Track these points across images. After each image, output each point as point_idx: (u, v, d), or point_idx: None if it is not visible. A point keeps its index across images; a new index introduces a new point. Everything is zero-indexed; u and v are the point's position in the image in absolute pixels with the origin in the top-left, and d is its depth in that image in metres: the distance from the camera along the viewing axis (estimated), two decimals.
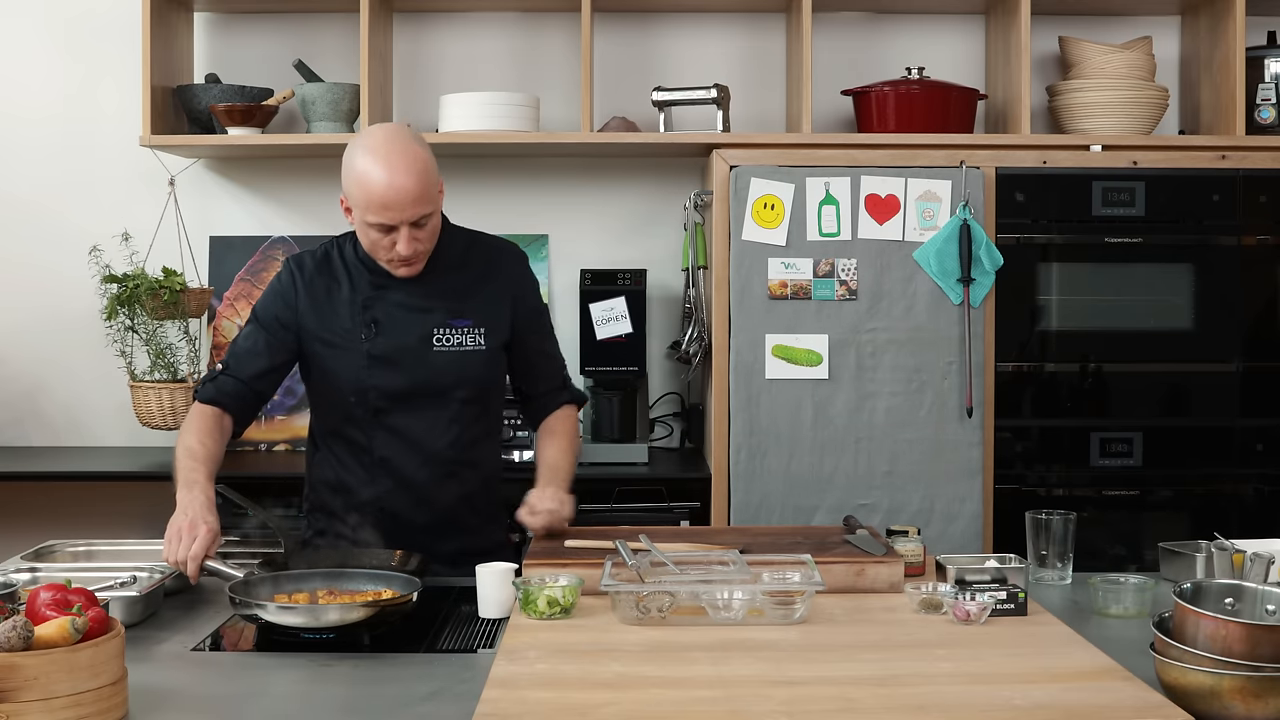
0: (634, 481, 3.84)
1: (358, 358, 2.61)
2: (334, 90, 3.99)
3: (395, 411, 2.62)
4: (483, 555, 2.56)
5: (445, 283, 2.64)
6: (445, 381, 2.62)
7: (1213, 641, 1.76)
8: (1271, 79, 3.96)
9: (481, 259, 2.70)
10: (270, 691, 1.96)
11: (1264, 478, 3.74)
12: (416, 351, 2.61)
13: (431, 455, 2.64)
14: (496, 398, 2.76)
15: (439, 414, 2.63)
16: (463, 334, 2.63)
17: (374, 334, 2.61)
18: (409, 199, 2.47)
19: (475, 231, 2.78)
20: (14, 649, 1.66)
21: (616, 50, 4.27)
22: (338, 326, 2.63)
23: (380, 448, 2.64)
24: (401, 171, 2.47)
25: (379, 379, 2.61)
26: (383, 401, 2.62)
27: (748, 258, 3.67)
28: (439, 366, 2.62)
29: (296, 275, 2.67)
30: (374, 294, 2.63)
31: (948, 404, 3.67)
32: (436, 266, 2.64)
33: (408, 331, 2.61)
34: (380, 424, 2.63)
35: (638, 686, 1.86)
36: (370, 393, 2.62)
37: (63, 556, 2.61)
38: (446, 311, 2.63)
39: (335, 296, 2.64)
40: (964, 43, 4.27)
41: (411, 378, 2.61)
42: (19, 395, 4.27)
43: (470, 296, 2.65)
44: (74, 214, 4.24)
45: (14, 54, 4.29)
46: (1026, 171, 3.73)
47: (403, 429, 2.63)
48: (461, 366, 2.63)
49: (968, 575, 2.24)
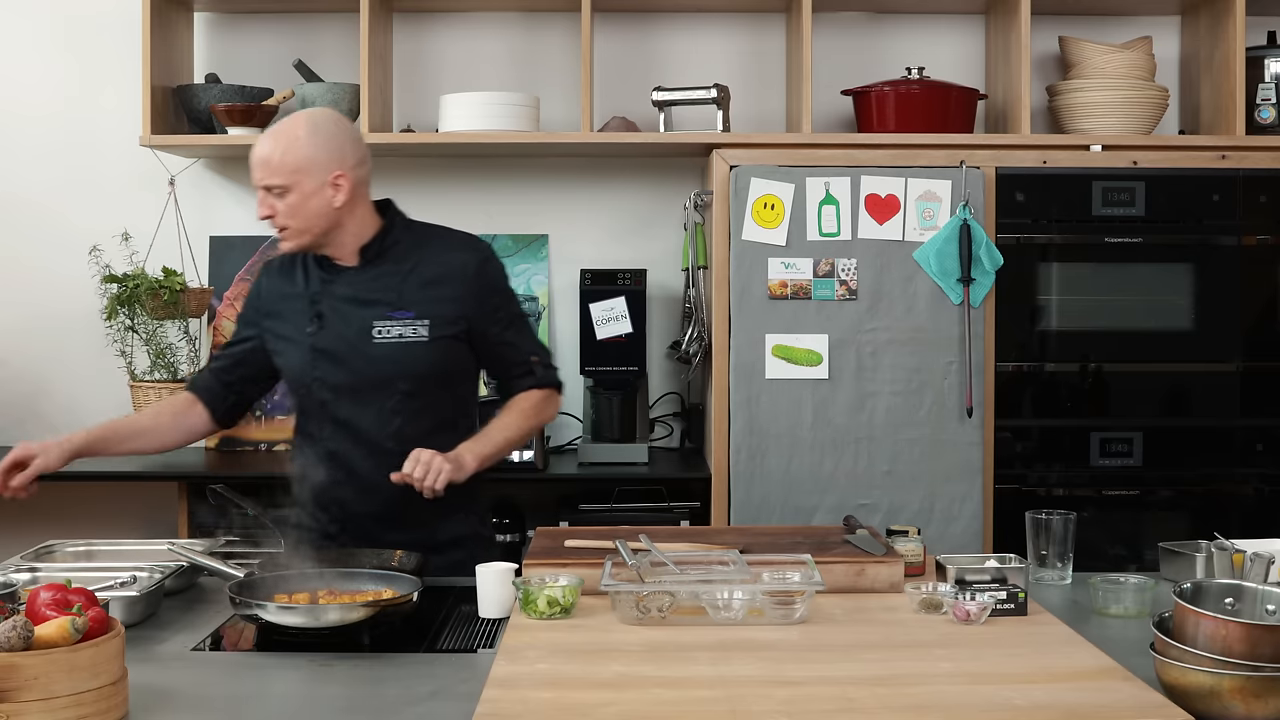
0: (634, 481, 3.84)
1: (304, 351, 2.68)
2: (334, 90, 3.99)
3: (340, 403, 2.67)
4: (434, 550, 2.60)
5: (390, 276, 2.68)
6: (386, 373, 2.65)
7: (1213, 641, 1.76)
8: (1271, 79, 3.96)
9: (433, 252, 2.72)
10: (270, 691, 1.96)
11: (1264, 478, 3.74)
12: (357, 344, 2.65)
13: (375, 447, 2.66)
14: (452, 390, 2.75)
15: (381, 405, 2.66)
16: (403, 326, 2.66)
17: (318, 328, 2.67)
18: (260, 160, 2.58)
19: (438, 226, 2.81)
20: (14, 649, 1.66)
21: (616, 50, 4.27)
22: (291, 322, 2.71)
23: (328, 439, 2.68)
24: (269, 137, 2.60)
25: (322, 372, 2.67)
26: (327, 394, 2.67)
27: (748, 258, 3.67)
28: (378, 358, 2.65)
29: (264, 277, 2.80)
30: (321, 288, 2.69)
31: (948, 404, 3.67)
32: (384, 260, 2.69)
33: (349, 324, 2.66)
34: (328, 416, 2.68)
35: (638, 686, 1.86)
36: (315, 385, 2.68)
37: (63, 556, 2.61)
38: (388, 304, 2.66)
39: (292, 293, 2.72)
40: (964, 43, 4.27)
41: (352, 370, 2.66)
42: (19, 395, 4.27)
43: (416, 289, 2.67)
44: (74, 214, 4.24)
45: (14, 54, 4.29)
46: (1026, 171, 3.73)
47: (348, 420, 2.67)
48: (402, 358, 2.65)
49: (968, 575, 2.24)
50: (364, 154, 2.67)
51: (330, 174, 2.59)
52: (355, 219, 2.66)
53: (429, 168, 4.27)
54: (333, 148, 2.60)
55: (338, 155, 2.60)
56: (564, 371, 4.21)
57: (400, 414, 2.66)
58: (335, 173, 2.59)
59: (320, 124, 2.62)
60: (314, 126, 2.61)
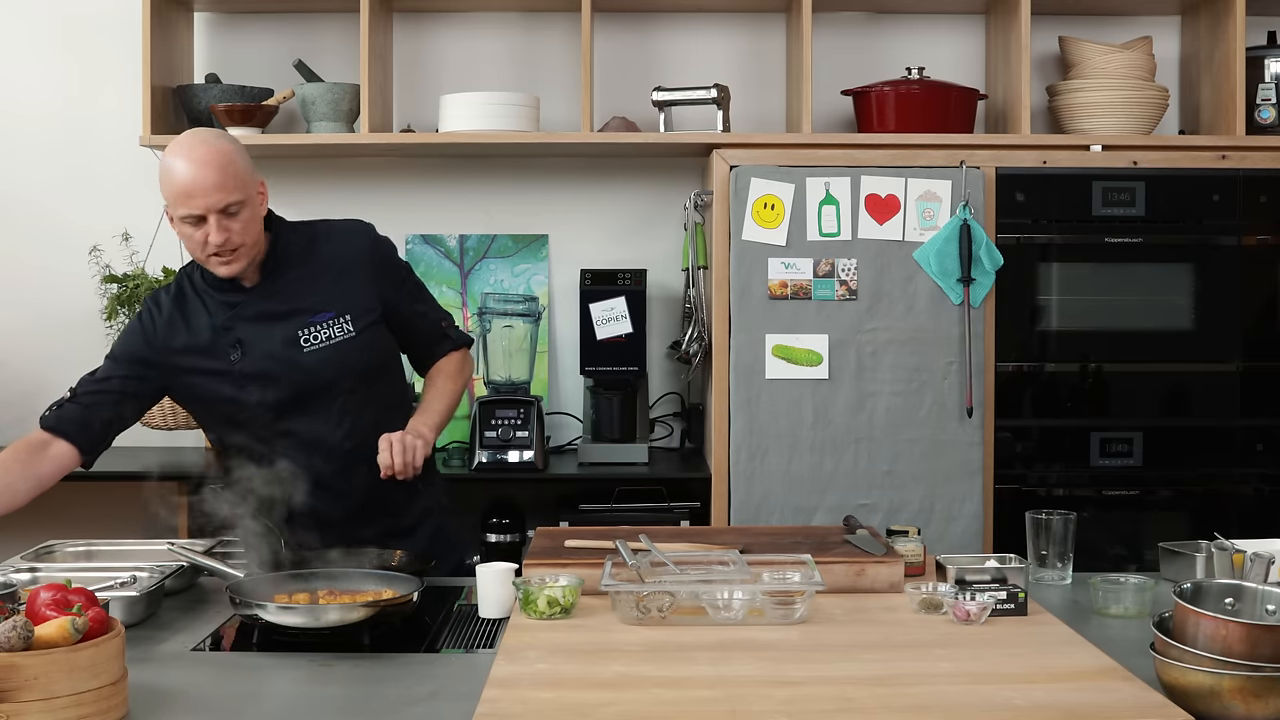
0: (634, 481, 3.84)
1: (233, 379, 2.61)
2: (334, 90, 3.99)
3: (286, 419, 2.62)
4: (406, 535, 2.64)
5: (297, 282, 2.64)
6: (324, 378, 2.62)
7: (1213, 641, 1.76)
8: (1271, 79, 3.96)
9: (327, 246, 2.69)
10: (270, 691, 1.96)
11: (1264, 478, 3.74)
12: (287, 358, 2.60)
13: (330, 450, 2.64)
14: (387, 374, 2.75)
15: (328, 410, 2.63)
16: (329, 327, 2.62)
17: (241, 355, 2.60)
18: (210, 184, 2.48)
19: (317, 221, 2.77)
20: (14, 649, 1.66)
21: (616, 50, 4.27)
22: (206, 355, 2.62)
23: (282, 454, 2.62)
24: (200, 161, 2.49)
25: (258, 394, 2.61)
26: (269, 414, 2.62)
27: (748, 258, 3.67)
28: (313, 366, 2.61)
29: (155, 314, 2.65)
30: (231, 314, 2.62)
31: (948, 404, 3.67)
32: (284, 268, 2.64)
33: (272, 341, 2.61)
34: (275, 433, 2.63)
35: (638, 686, 1.86)
36: (256, 409, 2.62)
37: (63, 556, 2.61)
38: (306, 310, 2.62)
39: (196, 327, 2.63)
40: (964, 43, 4.27)
41: (290, 385, 2.61)
42: (19, 395, 4.27)
43: (326, 287, 2.64)
44: (74, 214, 4.24)
45: (14, 53, 4.29)
46: (1026, 171, 3.73)
47: (297, 432, 2.63)
48: (337, 359, 2.62)
49: (968, 575, 2.24)
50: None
51: (258, 181, 2.57)
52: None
53: (429, 168, 4.27)
54: (247, 158, 2.57)
55: (251, 165, 2.57)
56: (565, 371, 4.29)
57: (349, 413, 2.64)
58: (259, 179, 2.58)
59: (222, 136, 2.57)
60: (226, 138, 2.55)
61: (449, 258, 4.28)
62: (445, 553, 2.76)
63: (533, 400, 3.94)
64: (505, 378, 4.07)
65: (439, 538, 2.79)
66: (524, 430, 3.87)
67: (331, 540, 2.57)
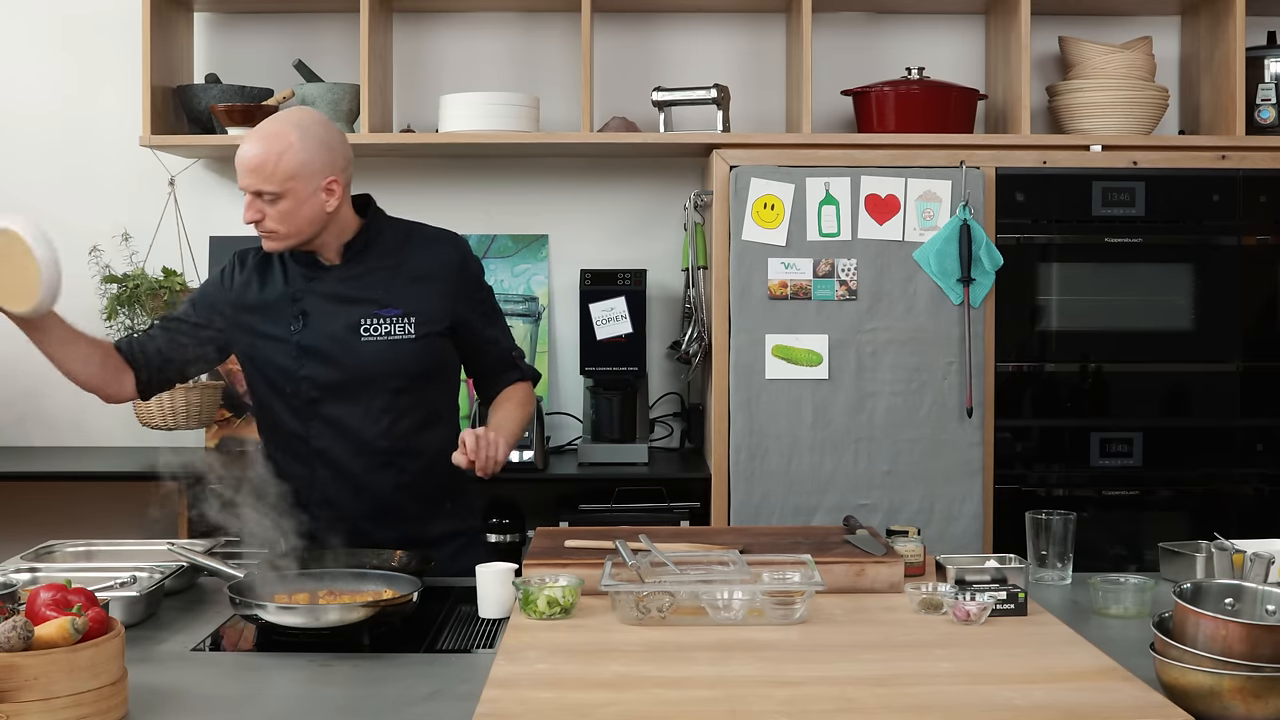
0: (634, 481, 3.84)
1: (289, 349, 2.64)
2: (334, 90, 3.99)
3: (328, 402, 2.64)
4: (426, 545, 2.60)
5: (375, 273, 2.67)
6: (375, 371, 2.63)
7: (1213, 641, 1.76)
8: (1271, 79, 3.96)
9: (416, 249, 2.71)
10: (270, 691, 1.96)
11: (1264, 478, 3.74)
12: (344, 342, 2.63)
13: (364, 445, 2.65)
14: (439, 385, 2.75)
15: (371, 404, 2.64)
16: (391, 323, 2.64)
17: (302, 326, 2.64)
18: (247, 166, 2.53)
19: (414, 223, 2.80)
20: (14, 649, 1.66)
21: (616, 50, 4.27)
22: (270, 318, 2.66)
23: (316, 438, 2.65)
24: (254, 140, 2.54)
25: (310, 370, 2.64)
26: (315, 392, 2.64)
27: (748, 258, 3.67)
28: (367, 357, 2.63)
29: (237, 268, 2.73)
30: (304, 286, 2.66)
31: (948, 404, 3.67)
32: (367, 257, 2.67)
33: (335, 322, 2.63)
34: (315, 414, 2.65)
35: (638, 686, 1.86)
36: (303, 383, 2.64)
37: (63, 556, 2.61)
38: (374, 302, 2.64)
39: (270, 289, 2.68)
40: (964, 43, 4.27)
41: (341, 369, 2.63)
42: (20, 395, 4.27)
43: (400, 286, 2.66)
44: (74, 214, 4.23)
45: (14, 53, 4.29)
46: (1026, 171, 3.73)
47: (336, 419, 2.64)
48: (390, 356, 2.63)
49: (968, 575, 2.24)
50: (350, 154, 2.65)
51: (324, 179, 2.56)
52: (339, 218, 2.63)
53: (429, 168, 4.27)
54: (324, 152, 2.56)
55: (329, 160, 2.57)
56: (565, 371, 4.29)
57: (390, 411, 2.65)
58: (329, 178, 2.57)
59: (310, 128, 2.56)
60: (305, 131, 2.55)
61: None
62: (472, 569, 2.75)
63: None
64: None
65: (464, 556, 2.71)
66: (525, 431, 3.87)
67: (343, 536, 2.56)
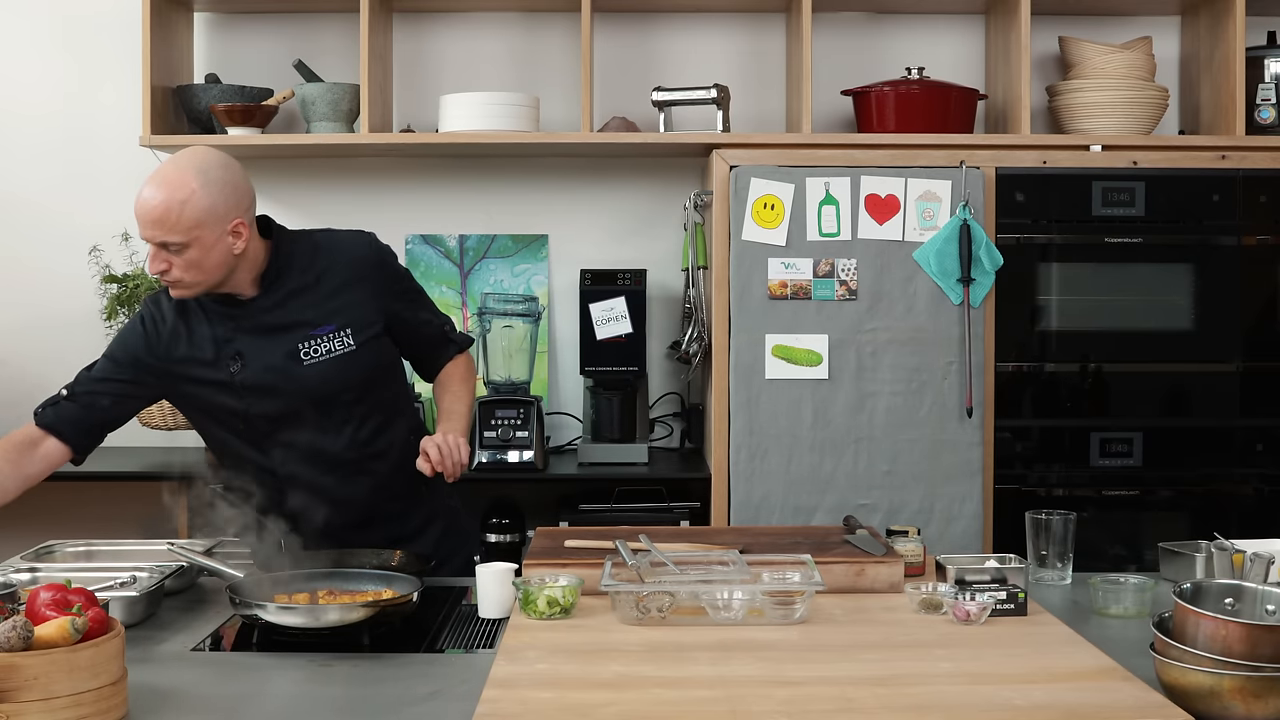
0: (634, 481, 3.84)
1: (233, 391, 2.57)
2: (334, 90, 3.99)
3: (285, 430, 2.59)
4: (407, 541, 2.62)
5: (298, 296, 2.59)
6: (324, 391, 2.58)
7: (1213, 641, 1.76)
8: (1271, 79, 3.96)
9: (330, 258, 2.63)
10: (270, 691, 1.96)
11: (1264, 478, 3.74)
12: (286, 372, 2.56)
13: (332, 461, 2.62)
14: (390, 383, 2.73)
15: (328, 421, 2.60)
16: (330, 340, 2.58)
17: (241, 367, 2.56)
18: (148, 217, 2.41)
19: (318, 231, 2.71)
20: (14, 649, 1.66)
21: (616, 50, 4.27)
22: (206, 366, 2.57)
23: (281, 465, 2.61)
24: (154, 187, 2.42)
25: (259, 406, 2.58)
26: (268, 425, 2.59)
27: (748, 258, 3.67)
28: (313, 380, 2.57)
29: (159, 320, 2.60)
30: (231, 326, 2.57)
31: (948, 404, 3.67)
32: (285, 281, 2.58)
33: (272, 354, 2.56)
34: (276, 443, 2.60)
35: (638, 686, 1.86)
36: (255, 420, 2.59)
37: (63, 556, 2.61)
38: (307, 324, 2.57)
39: (197, 336, 2.58)
40: (964, 43, 4.27)
41: (289, 397, 2.57)
42: (19, 395, 4.25)
43: (327, 301, 2.59)
44: (74, 214, 4.24)
45: (14, 53, 4.29)
46: (1026, 171, 3.73)
47: (299, 444, 2.60)
48: (336, 373, 2.58)
49: (968, 575, 2.24)
50: (252, 190, 2.53)
51: (230, 223, 2.45)
52: (248, 254, 2.52)
53: (429, 168, 4.27)
54: (228, 195, 2.45)
55: (234, 202, 2.46)
56: (564, 371, 4.29)
57: (349, 423, 2.62)
58: (235, 220, 2.46)
59: (210, 171, 2.44)
60: (206, 176, 2.43)
61: (449, 258, 4.28)
62: (457, 549, 2.77)
63: (532, 400, 3.94)
64: (505, 378, 4.07)
65: (446, 539, 2.78)
66: (524, 430, 3.87)
67: (335, 545, 2.55)
